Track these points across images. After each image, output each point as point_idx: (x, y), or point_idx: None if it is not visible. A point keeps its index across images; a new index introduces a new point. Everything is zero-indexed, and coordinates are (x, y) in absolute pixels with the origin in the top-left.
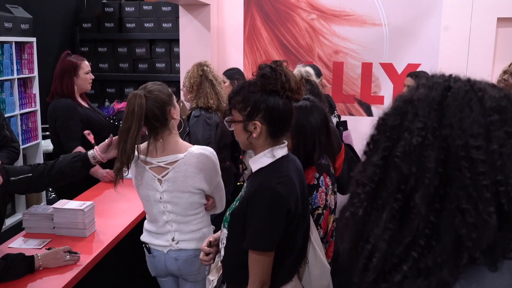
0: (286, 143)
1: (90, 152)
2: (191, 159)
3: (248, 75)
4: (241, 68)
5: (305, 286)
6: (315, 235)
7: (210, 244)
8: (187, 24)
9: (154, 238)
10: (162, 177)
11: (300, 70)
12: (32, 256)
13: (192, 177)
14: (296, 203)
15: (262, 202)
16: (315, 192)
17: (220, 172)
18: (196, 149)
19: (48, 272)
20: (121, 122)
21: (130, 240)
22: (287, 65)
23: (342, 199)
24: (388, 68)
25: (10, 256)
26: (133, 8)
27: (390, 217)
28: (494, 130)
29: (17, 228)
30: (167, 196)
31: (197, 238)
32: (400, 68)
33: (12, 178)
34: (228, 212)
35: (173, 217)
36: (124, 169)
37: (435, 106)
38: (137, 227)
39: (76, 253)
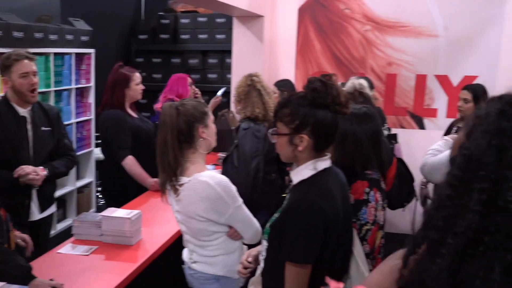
0: (329, 155)
1: None
2: (194, 185)
3: (299, 87)
4: (292, 79)
5: None
6: (358, 250)
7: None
8: (240, 36)
9: (185, 250)
10: (177, 196)
11: (353, 82)
12: (30, 269)
13: (194, 204)
14: (336, 217)
15: (300, 214)
16: (364, 207)
17: (237, 203)
18: (202, 175)
19: (96, 274)
20: None
21: (176, 250)
22: (336, 79)
23: (390, 214)
24: (443, 80)
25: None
26: (188, 20)
27: (502, 269)
28: None
29: (67, 234)
30: (180, 216)
31: (211, 264)
32: (456, 81)
33: None
34: (268, 224)
35: (188, 238)
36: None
37: None
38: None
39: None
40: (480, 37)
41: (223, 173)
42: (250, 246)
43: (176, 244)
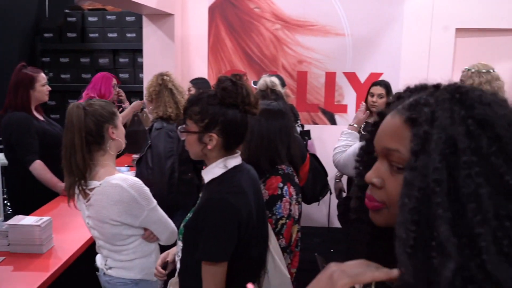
0: (240, 152)
1: None
2: (106, 189)
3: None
4: (205, 78)
5: None
6: (274, 244)
7: (166, 264)
8: (150, 34)
9: (98, 256)
10: (87, 201)
11: (265, 80)
12: None
13: (106, 209)
14: (249, 213)
15: (213, 212)
16: (279, 202)
17: (152, 204)
18: (114, 178)
19: (4, 287)
20: None
21: (90, 256)
22: (246, 79)
23: (307, 208)
24: (351, 77)
25: None
26: (96, 18)
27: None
28: None
29: None
30: (91, 222)
31: (128, 268)
32: (363, 77)
33: None
34: (182, 224)
35: (102, 243)
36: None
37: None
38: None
39: None
40: (383, 36)
41: (138, 174)
42: (167, 247)
43: (90, 250)
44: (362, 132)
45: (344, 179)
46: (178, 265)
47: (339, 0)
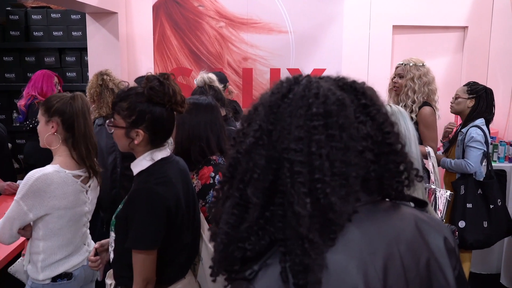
0: (167, 145)
1: None
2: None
3: None
4: None
5: (201, 283)
6: (207, 232)
7: (96, 252)
8: (94, 33)
9: (73, 258)
10: (89, 186)
11: (203, 76)
12: None
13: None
14: (177, 202)
15: (140, 202)
16: (211, 191)
17: None
18: None
19: None
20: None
21: None
22: (174, 78)
23: None
24: (295, 73)
25: None
26: (40, 16)
27: (234, 204)
28: (315, 134)
29: None
30: (91, 206)
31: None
32: (306, 73)
33: None
34: (114, 215)
35: (87, 227)
36: None
37: (274, 109)
38: None
39: None
40: (325, 33)
41: None
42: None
43: None
44: None
45: None
46: (111, 255)
47: None
